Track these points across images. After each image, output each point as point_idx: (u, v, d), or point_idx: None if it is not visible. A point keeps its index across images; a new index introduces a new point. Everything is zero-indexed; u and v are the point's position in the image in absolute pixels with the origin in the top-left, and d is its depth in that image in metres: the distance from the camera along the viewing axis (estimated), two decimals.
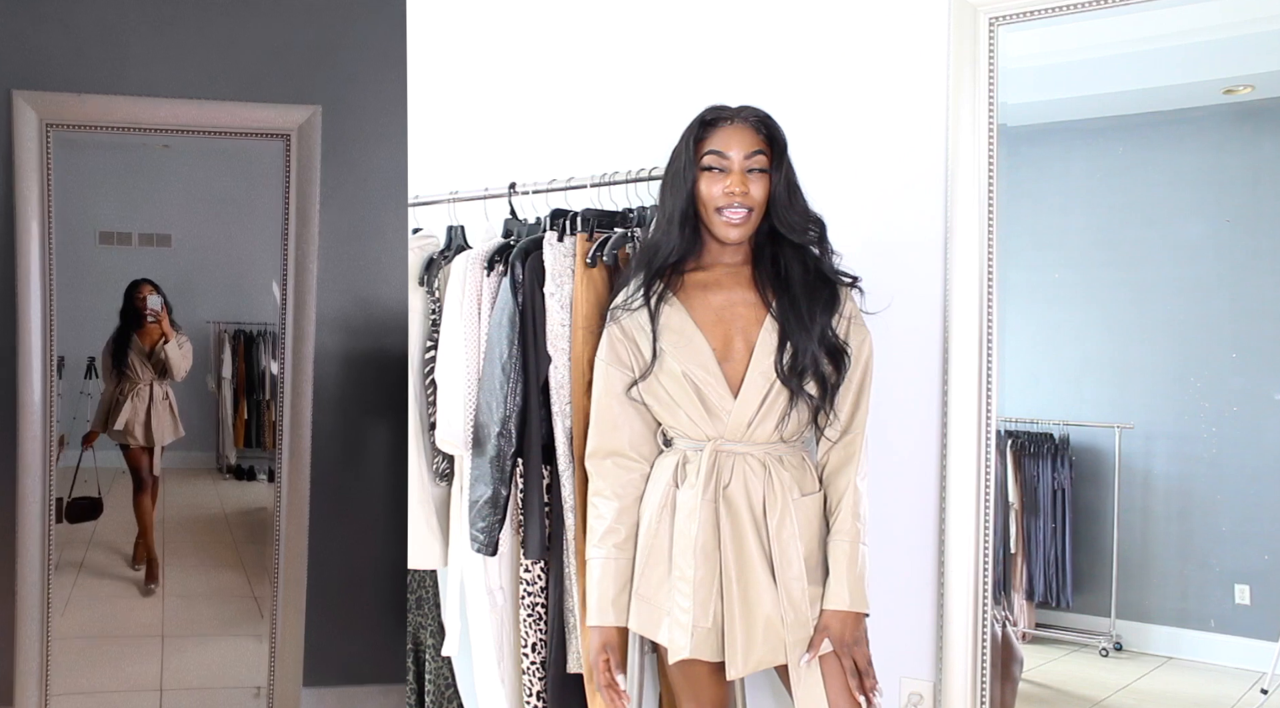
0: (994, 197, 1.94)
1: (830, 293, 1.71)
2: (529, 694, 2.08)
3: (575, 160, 2.35)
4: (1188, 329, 1.98)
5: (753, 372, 1.68)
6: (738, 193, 1.67)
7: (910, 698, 2.07)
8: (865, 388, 1.74)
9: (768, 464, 1.70)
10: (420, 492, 2.27)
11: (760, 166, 1.69)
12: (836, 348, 1.70)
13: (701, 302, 1.74)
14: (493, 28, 2.67)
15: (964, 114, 1.95)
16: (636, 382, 1.75)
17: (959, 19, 1.96)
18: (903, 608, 2.05)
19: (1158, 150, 2.01)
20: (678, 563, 1.70)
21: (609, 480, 1.78)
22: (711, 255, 1.77)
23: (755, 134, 1.69)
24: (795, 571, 1.68)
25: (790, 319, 1.68)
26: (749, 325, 1.71)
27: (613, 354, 1.78)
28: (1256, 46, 1.89)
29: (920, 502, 2.04)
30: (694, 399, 1.70)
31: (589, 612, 1.79)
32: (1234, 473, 1.94)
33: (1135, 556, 2.02)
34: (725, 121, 1.70)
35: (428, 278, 2.29)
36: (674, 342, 1.71)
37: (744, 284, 1.75)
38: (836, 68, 2.14)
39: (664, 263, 1.74)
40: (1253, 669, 1.90)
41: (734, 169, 1.68)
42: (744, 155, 1.68)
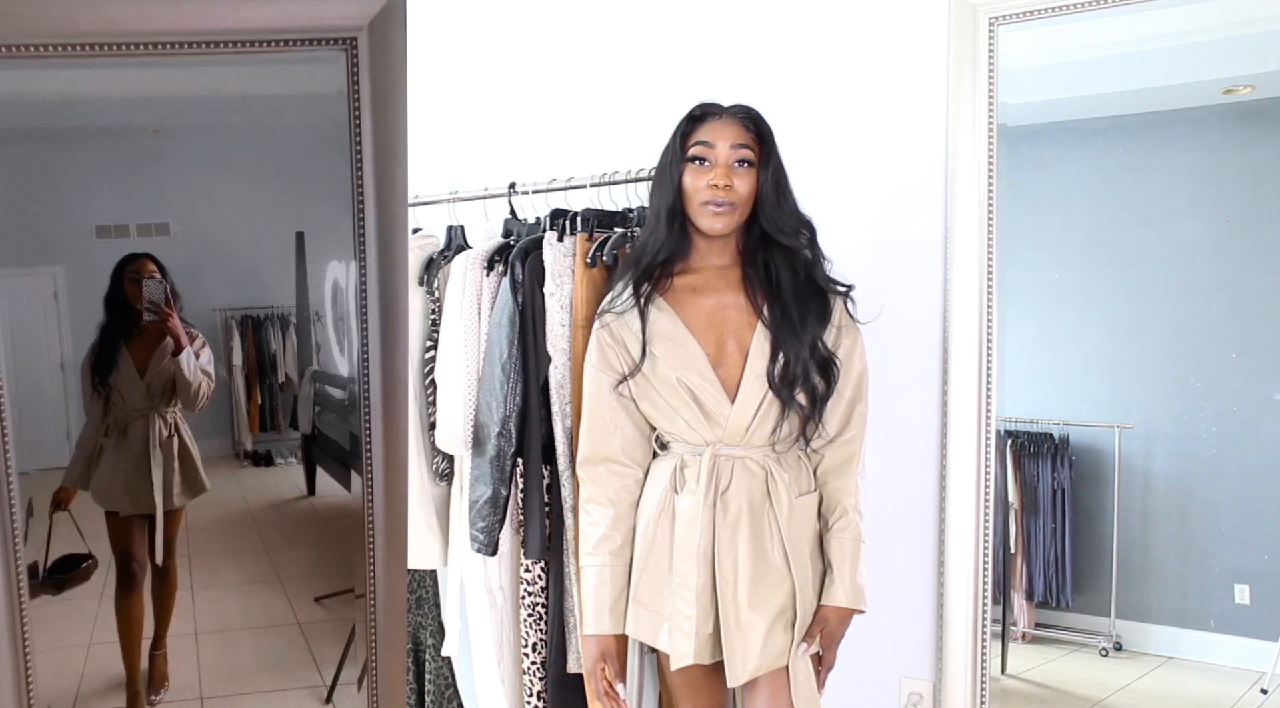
0: (994, 197, 1.94)
1: (821, 302, 1.69)
2: (529, 694, 2.08)
3: (575, 160, 2.35)
4: (1188, 329, 1.98)
5: (749, 375, 1.66)
6: (721, 186, 1.64)
7: (910, 698, 2.07)
8: (857, 401, 1.72)
9: (766, 466, 1.68)
10: (420, 492, 2.27)
11: (746, 159, 1.66)
12: (826, 360, 1.68)
13: (692, 305, 1.71)
14: (493, 28, 2.67)
15: (964, 114, 1.95)
16: (626, 378, 1.72)
17: (959, 19, 1.96)
18: (903, 608, 2.05)
19: (1158, 150, 2.01)
20: (679, 570, 1.68)
21: (603, 487, 1.76)
22: (700, 256, 1.74)
23: (743, 129, 1.68)
24: (804, 568, 1.67)
25: (782, 327, 1.66)
26: (741, 329, 1.69)
27: (602, 359, 1.75)
28: (1256, 46, 1.89)
29: (920, 502, 2.04)
30: (690, 405, 1.68)
31: (585, 620, 1.77)
32: (1234, 473, 1.94)
33: (1135, 556, 2.02)
34: (713, 116, 1.69)
35: (427, 278, 2.29)
36: (667, 347, 1.69)
37: (734, 287, 1.72)
38: (836, 68, 2.14)
39: (653, 261, 1.71)
40: (1253, 669, 1.90)
41: (719, 161, 1.66)
42: (729, 146, 1.66)
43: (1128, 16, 1.86)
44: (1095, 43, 1.96)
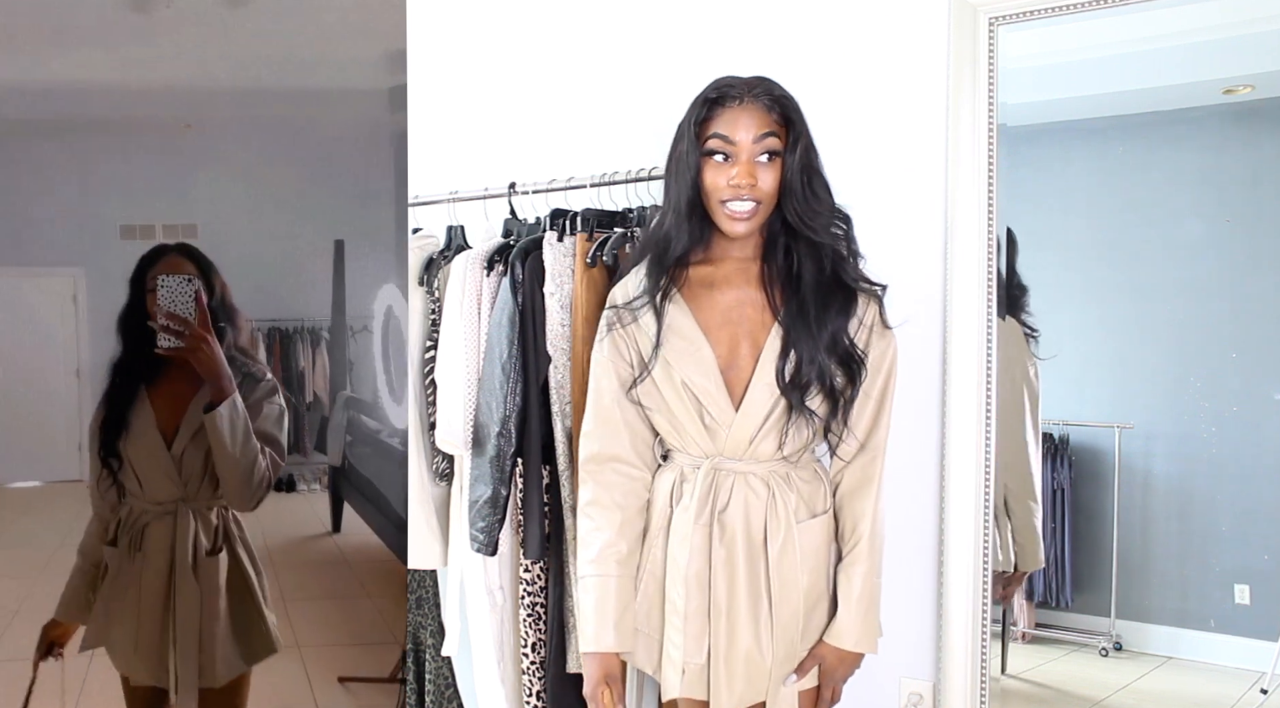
0: (994, 196, 1.94)
1: (845, 298, 1.55)
2: (529, 694, 2.08)
3: (575, 160, 2.35)
4: (1188, 329, 1.98)
5: (757, 382, 1.53)
6: (744, 185, 1.49)
7: (910, 698, 2.07)
8: (885, 402, 1.59)
9: (771, 484, 1.55)
10: (420, 492, 2.27)
11: (772, 150, 1.50)
12: (849, 354, 1.53)
13: (708, 301, 1.58)
14: (493, 28, 2.67)
15: (964, 114, 1.95)
16: (637, 381, 1.60)
17: (959, 19, 1.96)
18: (903, 608, 2.05)
19: (1158, 150, 2.01)
20: (669, 594, 1.56)
21: (609, 489, 1.61)
22: (720, 247, 1.60)
23: (766, 114, 1.50)
24: (792, 606, 1.55)
25: (797, 325, 1.51)
26: (756, 330, 1.55)
27: (614, 352, 1.63)
28: (1256, 46, 1.89)
29: (920, 502, 2.04)
30: (691, 413, 1.56)
31: (584, 637, 1.62)
32: (1234, 473, 1.94)
33: (1135, 556, 2.02)
34: (733, 100, 1.51)
35: (427, 278, 2.29)
36: (677, 347, 1.56)
37: (753, 282, 1.58)
38: (836, 68, 2.14)
39: (675, 257, 1.57)
40: (1252, 669, 1.90)
41: (741, 157, 1.50)
42: (752, 139, 1.49)
43: (1128, 16, 1.86)
44: (1095, 43, 1.96)
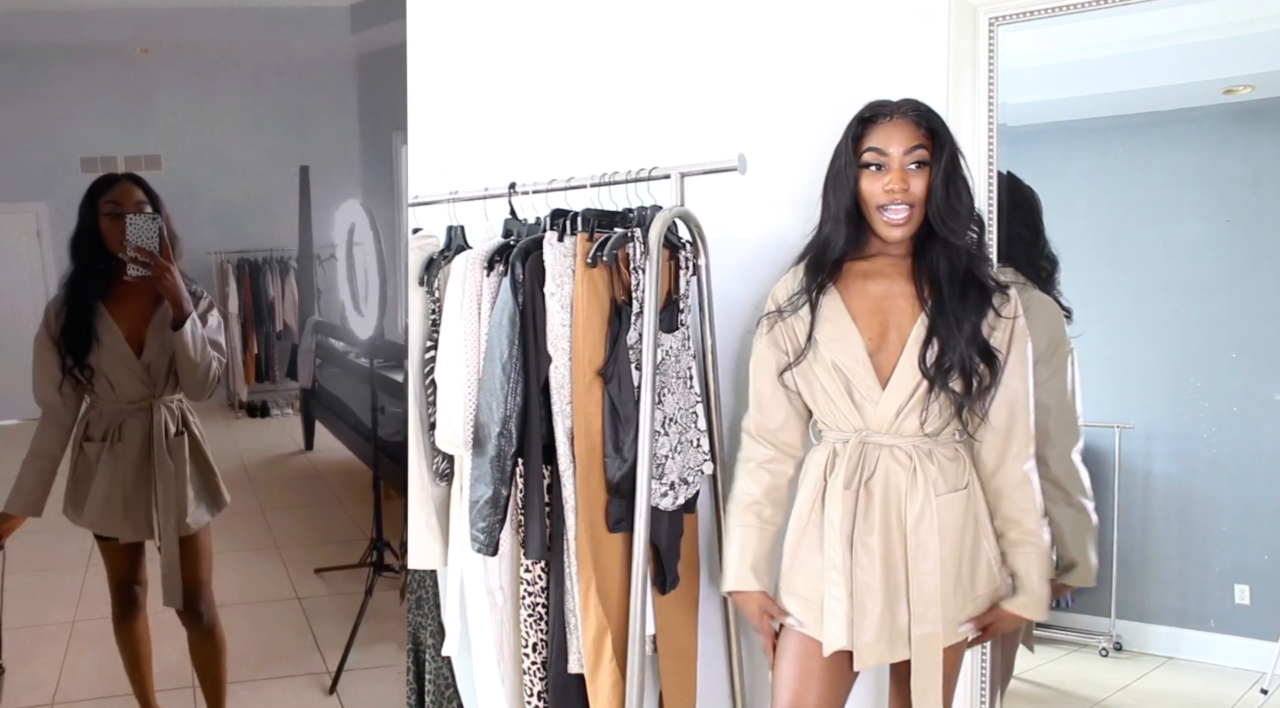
0: (994, 196, 1.94)
1: (980, 294, 1.70)
2: (529, 695, 2.08)
3: (575, 160, 2.35)
4: (1188, 329, 1.98)
5: (903, 363, 1.69)
6: (898, 190, 1.67)
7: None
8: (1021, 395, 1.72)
9: (914, 457, 1.70)
10: (420, 492, 2.27)
11: (921, 160, 1.68)
12: (988, 350, 1.69)
13: (860, 290, 1.76)
14: (493, 28, 2.67)
15: (964, 114, 1.95)
16: (790, 366, 1.78)
17: (959, 19, 1.96)
18: None
19: (1158, 150, 2.01)
20: (827, 552, 1.72)
21: (761, 460, 1.84)
22: (876, 245, 1.77)
23: (915, 128, 1.69)
24: (929, 566, 1.68)
25: (940, 316, 1.68)
26: (904, 318, 1.72)
27: (772, 343, 1.82)
28: (1256, 46, 1.89)
29: None
30: (841, 390, 1.72)
31: (726, 577, 1.83)
32: (1234, 473, 1.94)
33: (1135, 556, 2.02)
34: (884, 117, 1.71)
35: (428, 278, 2.29)
36: (829, 333, 1.74)
37: (905, 275, 1.75)
38: (836, 68, 2.14)
39: (832, 260, 1.76)
40: (1253, 669, 1.90)
41: (893, 166, 1.68)
42: (903, 151, 1.68)
43: (1128, 16, 1.86)
44: (1095, 43, 1.97)
